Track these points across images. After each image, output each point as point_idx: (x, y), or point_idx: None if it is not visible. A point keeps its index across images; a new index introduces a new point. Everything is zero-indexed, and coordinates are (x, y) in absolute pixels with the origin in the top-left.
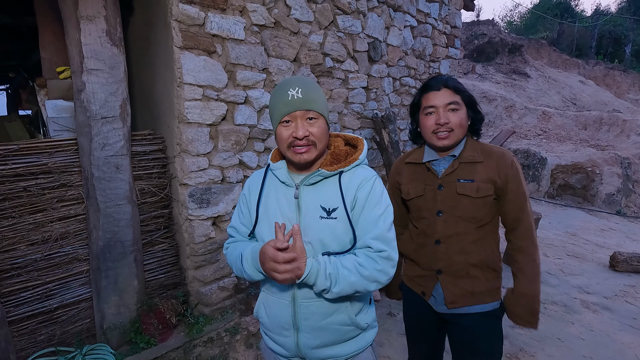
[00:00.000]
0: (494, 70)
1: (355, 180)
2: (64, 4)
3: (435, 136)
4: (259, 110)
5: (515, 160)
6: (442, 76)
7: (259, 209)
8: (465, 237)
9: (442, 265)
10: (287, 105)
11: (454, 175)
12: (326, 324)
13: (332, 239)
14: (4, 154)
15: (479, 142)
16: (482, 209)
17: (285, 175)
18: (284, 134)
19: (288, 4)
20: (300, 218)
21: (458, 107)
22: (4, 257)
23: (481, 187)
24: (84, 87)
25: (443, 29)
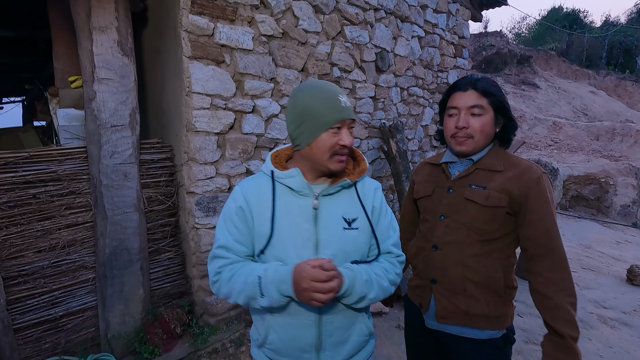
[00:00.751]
0: (503, 81)
1: (368, 189)
2: (78, 15)
3: (454, 140)
4: (267, 119)
5: (545, 178)
6: (473, 76)
7: (275, 223)
8: (465, 248)
9: (437, 274)
10: (340, 111)
11: (466, 180)
12: (347, 337)
13: (354, 250)
14: (15, 161)
15: (507, 153)
16: (490, 221)
17: (302, 184)
18: (329, 141)
19: (296, 15)
20: (318, 230)
21: (482, 112)
22: (11, 264)
23: (492, 195)
24: (94, 96)
25: (451, 40)
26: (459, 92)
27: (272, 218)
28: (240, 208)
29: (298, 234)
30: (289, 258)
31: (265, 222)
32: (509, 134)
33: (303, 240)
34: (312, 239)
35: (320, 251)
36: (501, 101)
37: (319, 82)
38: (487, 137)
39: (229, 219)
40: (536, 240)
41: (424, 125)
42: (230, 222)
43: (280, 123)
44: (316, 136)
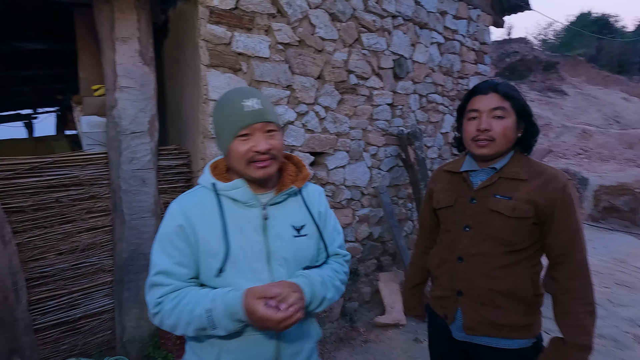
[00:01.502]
0: (528, 88)
1: (313, 195)
2: (102, 27)
3: (475, 143)
4: (283, 126)
5: (570, 186)
6: (494, 80)
7: (229, 239)
8: (491, 260)
9: (463, 286)
10: (244, 117)
11: (490, 190)
12: (302, 346)
13: (304, 256)
14: (39, 166)
15: (530, 159)
16: (517, 232)
17: (248, 194)
18: (241, 148)
19: (313, 23)
20: (269, 240)
21: (505, 115)
22: (34, 265)
23: (518, 206)
24: (116, 104)
25: (471, 46)
26: (480, 96)
27: (224, 234)
28: (180, 227)
29: (249, 246)
30: (243, 274)
31: (216, 239)
32: (531, 140)
33: (255, 253)
34: (264, 250)
35: (272, 261)
36: (523, 105)
37: (231, 90)
38: (509, 142)
39: (167, 240)
40: (559, 248)
41: (443, 132)
42: (168, 244)
43: (297, 130)
44: (227, 147)
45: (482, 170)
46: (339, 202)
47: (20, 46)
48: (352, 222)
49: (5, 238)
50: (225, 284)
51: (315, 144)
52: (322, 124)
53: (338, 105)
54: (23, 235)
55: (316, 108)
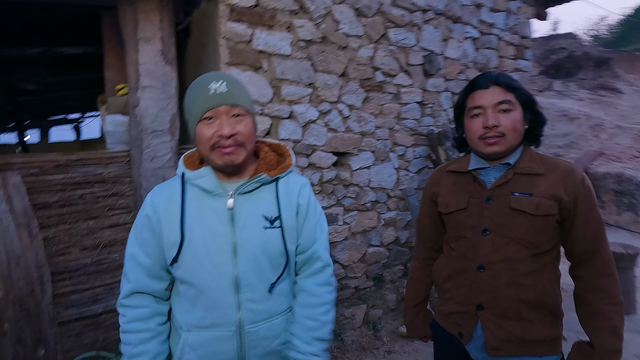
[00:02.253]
0: (576, 86)
1: (293, 186)
2: (126, 28)
3: (483, 142)
4: (304, 125)
5: (587, 178)
6: (492, 72)
7: (184, 229)
8: (518, 266)
9: (485, 298)
10: (208, 100)
11: (507, 187)
12: (275, 347)
13: (276, 250)
14: (66, 164)
15: (540, 153)
16: (541, 232)
17: (214, 183)
18: (205, 133)
19: (336, 19)
20: (236, 232)
21: (511, 107)
22: (59, 259)
23: (542, 203)
24: (138, 103)
25: (510, 40)
26: (480, 90)
27: (181, 223)
28: (147, 217)
29: (212, 239)
30: (202, 267)
31: (174, 229)
32: (539, 131)
33: (218, 245)
34: (230, 242)
35: (239, 255)
36: (527, 95)
37: (203, 75)
38: (520, 136)
39: (135, 229)
40: (583, 245)
41: None
42: (136, 233)
43: (318, 129)
44: (194, 131)
45: (493, 167)
46: (362, 204)
47: (60, 51)
48: (377, 226)
49: (33, 232)
50: (185, 273)
51: (339, 143)
52: (346, 123)
53: (363, 104)
54: (49, 230)
55: (340, 106)
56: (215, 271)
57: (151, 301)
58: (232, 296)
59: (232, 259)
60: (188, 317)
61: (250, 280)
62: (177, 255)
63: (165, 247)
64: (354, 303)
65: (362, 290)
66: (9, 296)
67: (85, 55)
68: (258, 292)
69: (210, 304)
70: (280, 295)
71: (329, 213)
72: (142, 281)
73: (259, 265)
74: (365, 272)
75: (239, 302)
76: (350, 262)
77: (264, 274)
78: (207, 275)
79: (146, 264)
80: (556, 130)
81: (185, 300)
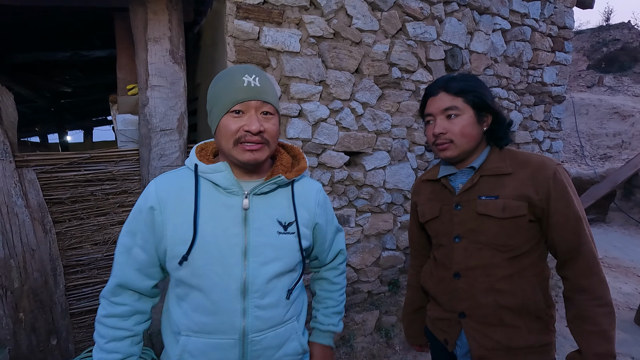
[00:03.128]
0: (631, 81)
1: (309, 190)
2: (136, 29)
3: (436, 147)
4: (314, 123)
5: (561, 170)
6: (445, 77)
7: (198, 226)
8: (494, 271)
9: (465, 306)
10: (241, 91)
11: (473, 191)
12: (279, 357)
13: (290, 257)
14: (78, 161)
15: (512, 151)
16: (514, 234)
17: (231, 180)
18: (232, 126)
19: (349, 14)
20: (249, 234)
21: (458, 112)
22: (71, 253)
23: (508, 205)
24: (147, 102)
25: (547, 31)
26: (431, 98)
27: (194, 220)
28: (151, 209)
29: (224, 238)
30: (211, 268)
31: (186, 224)
32: (500, 132)
33: (229, 246)
34: (241, 244)
35: (249, 257)
36: (479, 96)
37: (234, 66)
38: (472, 139)
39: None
40: (563, 244)
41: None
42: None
43: (330, 128)
44: (217, 121)
45: (462, 171)
46: (377, 206)
47: (89, 55)
48: (392, 229)
49: (47, 227)
50: (190, 274)
51: (351, 142)
52: (359, 121)
53: (378, 101)
54: (62, 225)
55: (352, 104)
56: (224, 273)
57: (133, 299)
58: (238, 301)
59: (241, 261)
60: (188, 322)
61: (259, 287)
62: (187, 254)
63: (172, 244)
64: (366, 308)
65: (375, 295)
66: (24, 287)
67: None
68: (266, 299)
69: (214, 309)
70: (288, 303)
71: (340, 214)
72: (129, 276)
73: (269, 272)
74: (379, 277)
75: (245, 309)
76: (362, 266)
77: (274, 281)
78: (216, 276)
79: (141, 258)
80: (606, 129)
81: (185, 303)
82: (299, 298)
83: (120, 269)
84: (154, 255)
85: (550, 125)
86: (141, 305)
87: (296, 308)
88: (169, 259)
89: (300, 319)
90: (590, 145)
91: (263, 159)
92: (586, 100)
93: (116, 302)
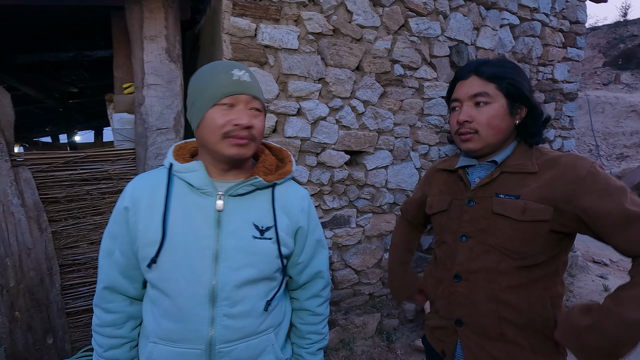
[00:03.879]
0: None
1: (292, 196)
2: (132, 27)
3: (458, 138)
4: (313, 122)
5: (597, 172)
6: (479, 60)
7: (167, 227)
8: (499, 278)
9: (462, 313)
10: (231, 85)
11: (491, 188)
12: None
13: (265, 263)
14: (74, 160)
15: (540, 149)
16: (529, 240)
17: (204, 180)
18: (219, 119)
19: (349, 10)
20: (221, 237)
21: (488, 100)
22: (67, 252)
23: (530, 206)
24: (143, 101)
25: (558, 26)
26: (461, 81)
27: (163, 220)
28: (125, 209)
29: (194, 241)
30: (179, 271)
31: (155, 226)
32: (533, 127)
33: (199, 249)
34: (212, 247)
35: (220, 262)
36: (514, 84)
37: (219, 61)
38: (499, 132)
39: (112, 222)
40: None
41: None
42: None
43: (329, 126)
44: (203, 114)
45: (481, 165)
46: (378, 207)
47: (92, 55)
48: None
49: (42, 225)
50: (158, 277)
51: (352, 141)
52: (360, 119)
53: (380, 99)
54: (58, 224)
55: (353, 102)
56: (192, 277)
57: (125, 304)
58: (206, 309)
59: (211, 266)
60: (156, 327)
61: (228, 294)
62: (156, 256)
63: (142, 245)
64: (367, 311)
65: (377, 297)
66: (20, 285)
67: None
68: (237, 307)
69: (180, 315)
70: (265, 314)
71: (340, 215)
72: (114, 279)
73: (240, 278)
74: (380, 279)
75: (213, 317)
76: (364, 268)
77: (247, 288)
78: (184, 280)
79: (121, 262)
80: (623, 128)
81: (155, 307)
82: (279, 308)
83: (104, 272)
84: (131, 258)
85: (562, 124)
86: (133, 310)
87: (274, 319)
88: (140, 261)
89: (280, 332)
90: (606, 144)
91: (248, 155)
92: (602, 98)
93: (108, 310)
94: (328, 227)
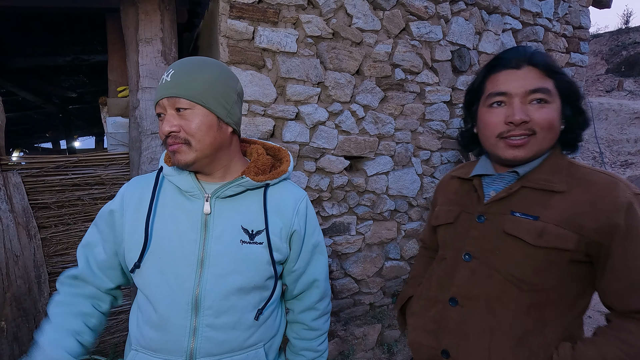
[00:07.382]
0: None
1: (287, 197)
2: (127, 29)
3: (504, 142)
4: (312, 126)
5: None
6: (525, 47)
7: (152, 230)
8: (499, 310)
9: (451, 343)
10: (157, 92)
11: (507, 204)
12: None
13: (254, 270)
14: (65, 165)
15: (574, 163)
16: (544, 270)
17: (191, 182)
18: (161, 127)
19: (349, 13)
20: (207, 242)
21: (548, 99)
22: (57, 260)
23: (549, 230)
24: (138, 104)
25: (561, 31)
26: (509, 71)
27: (146, 224)
28: (111, 212)
29: (179, 246)
30: (163, 277)
31: (140, 229)
32: (577, 133)
33: (184, 255)
34: (197, 252)
35: (205, 268)
36: (569, 83)
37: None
38: (554, 138)
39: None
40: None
41: None
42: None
43: (328, 131)
44: None
45: (500, 176)
46: (379, 213)
47: (89, 59)
48: (396, 237)
49: (31, 232)
50: (142, 282)
51: (352, 146)
52: (360, 124)
53: (380, 104)
54: (48, 231)
55: (353, 107)
56: (176, 284)
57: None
58: (188, 318)
59: (196, 272)
60: (138, 334)
61: (212, 302)
62: (139, 260)
63: (127, 248)
64: (367, 321)
65: (377, 307)
66: (7, 294)
67: None
68: (222, 318)
69: (161, 324)
70: (253, 326)
71: (340, 222)
72: (90, 271)
73: (226, 286)
74: (382, 288)
75: (195, 327)
76: (364, 276)
77: (234, 297)
78: (167, 287)
79: (100, 258)
80: (627, 135)
81: (140, 313)
82: (272, 319)
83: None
84: (111, 257)
85: None
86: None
87: (266, 332)
88: (127, 265)
89: (272, 347)
90: (610, 151)
91: (188, 160)
92: (605, 105)
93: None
94: (327, 234)
